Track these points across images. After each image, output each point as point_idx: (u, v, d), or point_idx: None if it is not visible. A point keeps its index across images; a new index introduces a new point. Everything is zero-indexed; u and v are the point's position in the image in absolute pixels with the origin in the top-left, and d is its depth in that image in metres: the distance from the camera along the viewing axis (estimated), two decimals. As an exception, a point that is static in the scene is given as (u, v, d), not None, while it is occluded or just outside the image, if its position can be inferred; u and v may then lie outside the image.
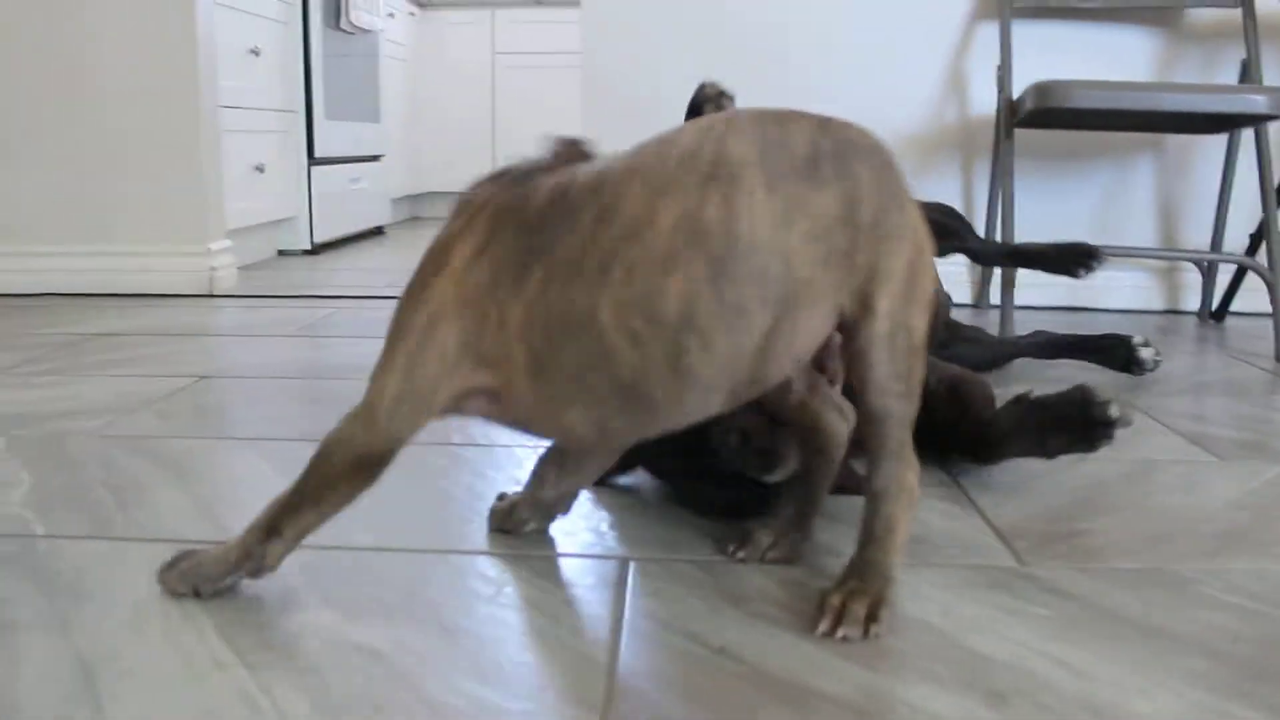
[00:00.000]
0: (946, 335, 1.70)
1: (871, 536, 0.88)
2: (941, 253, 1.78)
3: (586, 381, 0.83)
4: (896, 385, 0.85)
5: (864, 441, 0.89)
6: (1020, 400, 1.23)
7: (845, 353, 0.88)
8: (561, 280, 0.83)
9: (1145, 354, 1.77)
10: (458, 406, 0.89)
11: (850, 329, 0.86)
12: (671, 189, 0.82)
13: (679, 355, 0.81)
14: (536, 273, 0.84)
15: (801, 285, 0.83)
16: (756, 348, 0.83)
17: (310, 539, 1.03)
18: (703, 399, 0.84)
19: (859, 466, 1.06)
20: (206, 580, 0.91)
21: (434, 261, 0.89)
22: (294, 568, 0.97)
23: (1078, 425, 1.19)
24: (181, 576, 0.92)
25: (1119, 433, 1.18)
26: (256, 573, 0.91)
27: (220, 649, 0.82)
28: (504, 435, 1.40)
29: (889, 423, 0.86)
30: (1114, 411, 1.17)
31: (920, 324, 0.86)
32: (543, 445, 1.24)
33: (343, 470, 0.88)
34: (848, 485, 1.12)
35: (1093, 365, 1.85)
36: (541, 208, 0.85)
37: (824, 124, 0.86)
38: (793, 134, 0.85)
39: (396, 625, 0.86)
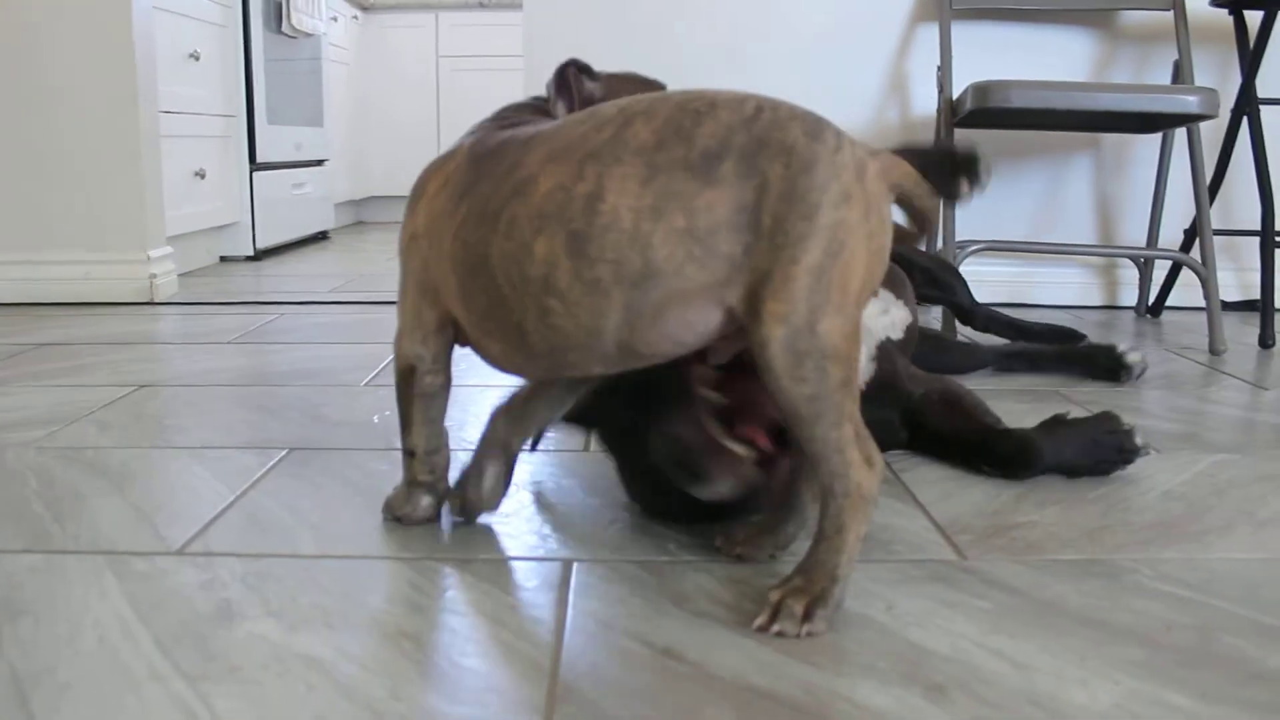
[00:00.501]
0: (926, 346, 1.72)
1: (821, 535, 0.87)
2: (927, 301, 1.79)
3: (493, 318, 0.92)
4: (801, 388, 0.82)
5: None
6: (1056, 420, 1.28)
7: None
8: (474, 219, 0.92)
9: (1133, 358, 1.78)
10: (450, 331, 1.01)
11: (747, 328, 0.84)
12: (562, 157, 0.87)
13: (545, 313, 0.88)
14: (463, 208, 0.94)
15: (661, 278, 0.83)
16: (619, 323, 0.86)
17: (251, 547, 1.02)
18: (580, 357, 0.90)
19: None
20: (395, 508, 1.10)
21: (418, 188, 1.03)
22: (236, 578, 0.96)
23: (1107, 450, 1.26)
24: (386, 508, 1.11)
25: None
26: (433, 489, 1.09)
27: (158, 661, 0.80)
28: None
29: (806, 428, 0.84)
30: (1139, 440, 1.26)
31: (836, 331, 0.82)
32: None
33: (403, 386, 1.05)
34: None
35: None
36: (488, 149, 0.95)
37: (753, 119, 0.84)
38: (705, 127, 0.84)
39: (339, 633, 0.86)
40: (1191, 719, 0.74)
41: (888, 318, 1.34)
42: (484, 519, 1.11)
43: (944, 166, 1.01)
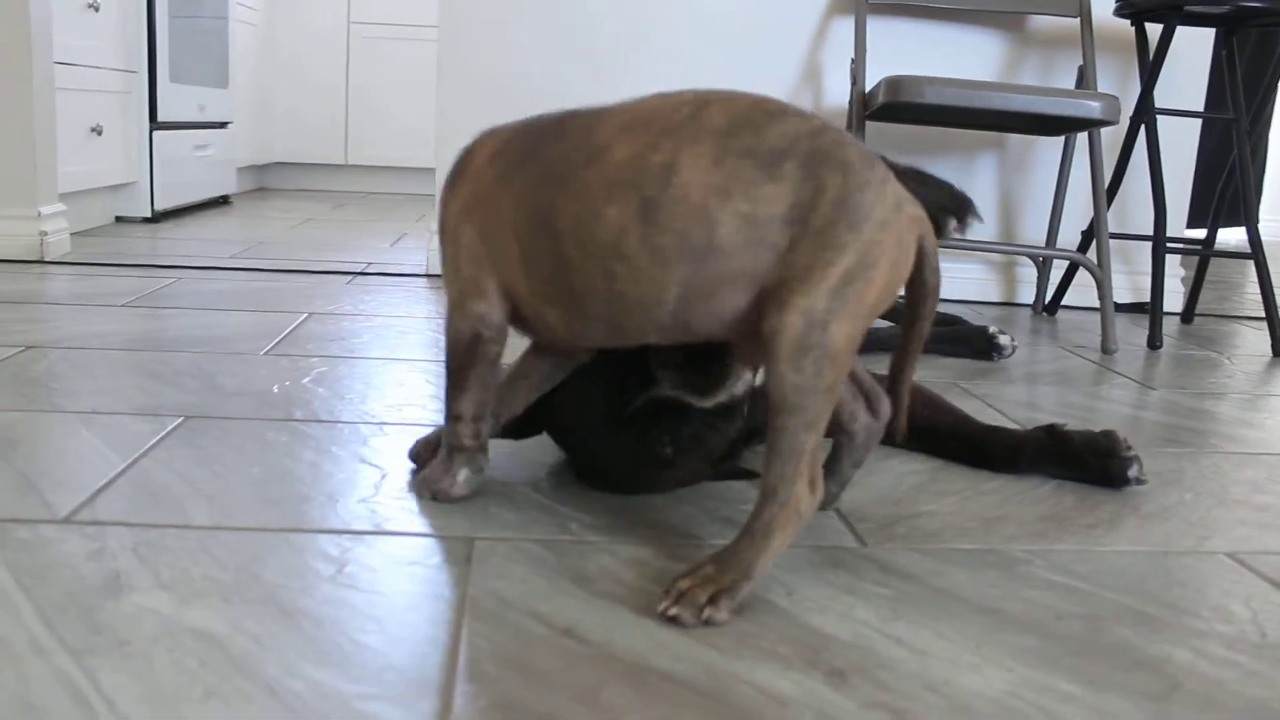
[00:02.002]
0: None
1: (748, 530, 0.88)
2: None
3: (555, 283, 0.95)
4: (795, 377, 0.85)
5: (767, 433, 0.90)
6: (1052, 430, 1.29)
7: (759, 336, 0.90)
8: (537, 182, 0.95)
9: (1003, 340, 1.95)
10: (509, 301, 1.02)
11: (766, 315, 0.87)
12: (637, 129, 0.91)
13: (611, 278, 0.91)
14: (524, 174, 0.96)
15: (720, 256, 0.88)
16: (677, 295, 0.90)
17: (142, 517, 0.99)
18: (638, 324, 0.93)
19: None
20: (432, 482, 1.09)
21: (461, 164, 1.06)
22: (125, 548, 0.93)
23: (1095, 471, 1.26)
24: (423, 483, 1.10)
25: None
26: (474, 460, 1.08)
27: (41, 634, 0.78)
28: (347, 411, 1.37)
29: (784, 417, 0.86)
30: (1133, 473, 1.25)
31: (842, 335, 0.85)
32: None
33: (464, 355, 1.04)
34: (732, 471, 1.15)
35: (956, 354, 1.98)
36: (548, 124, 0.98)
37: (819, 132, 0.89)
38: (775, 127, 0.88)
39: (233, 607, 0.83)
40: (1079, 705, 0.76)
41: None
42: (387, 494, 1.09)
43: (941, 205, 1.08)
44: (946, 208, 1.15)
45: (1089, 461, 1.25)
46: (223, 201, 4.22)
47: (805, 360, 0.85)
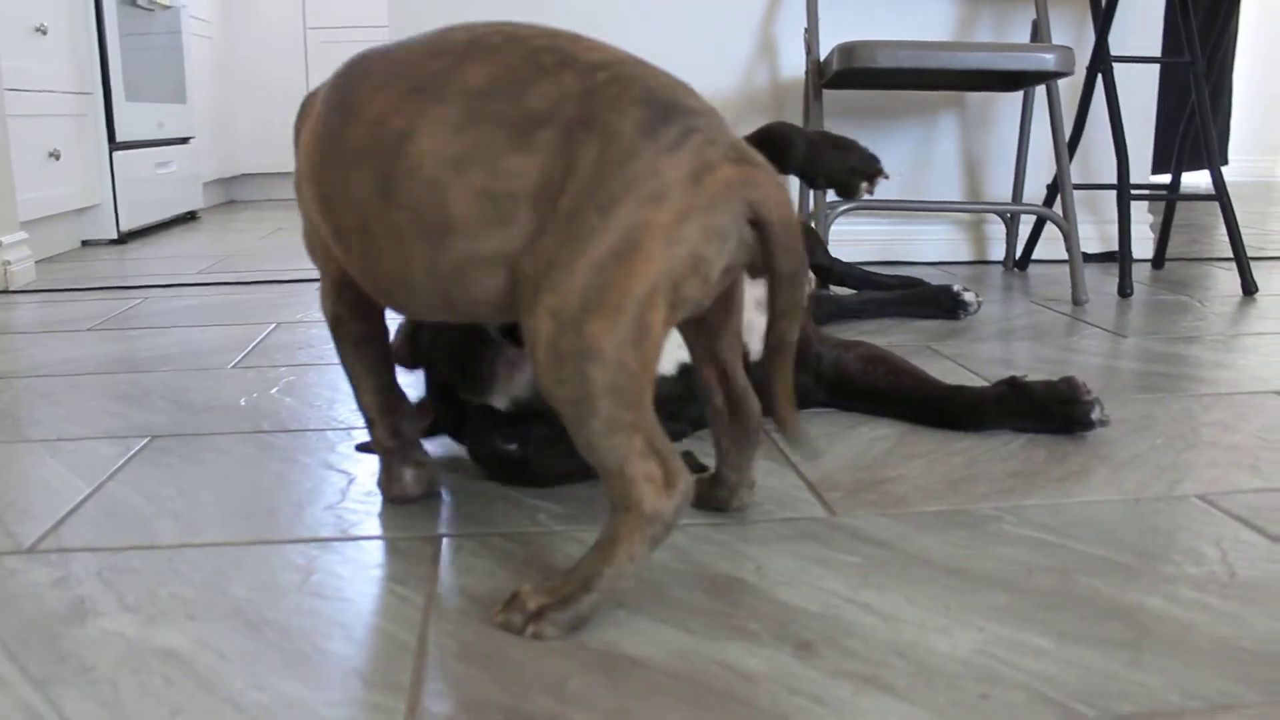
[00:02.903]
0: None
1: (598, 541, 0.80)
2: None
3: (354, 248, 0.86)
4: (562, 390, 0.76)
5: None
6: (1013, 383, 1.29)
7: None
8: (317, 139, 0.87)
9: (968, 297, 1.95)
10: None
11: (520, 315, 0.78)
12: (392, 82, 0.81)
13: (367, 254, 0.84)
14: (328, 145, 0.86)
15: (459, 236, 0.78)
16: (426, 275, 0.81)
17: (108, 541, 0.99)
18: (417, 302, 0.85)
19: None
20: (383, 491, 1.07)
21: (300, 113, 0.97)
22: (90, 574, 0.92)
23: (1059, 419, 1.26)
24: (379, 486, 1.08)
25: None
26: (409, 458, 1.05)
27: (3, 665, 0.77)
28: (315, 419, 1.36)
29: (577, 430, 0.77)
30: (1096, 415, 1.25)
31: (602, 332, 0.74)
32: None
33: (335, 341, 1.01)
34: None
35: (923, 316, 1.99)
36: (359, 63, 0.87)
37: (593, 92, 0.76)
38: (542, 86, 0.77)
39: (199, 624, 0.83)
40: (1050, 659, 0.76)
41: None
42: (354, 500, 1.09)
43: (851, 167, 1.07)
44: (856, 169, 1.14)
45: (1052, 409, 1.26)
46: (190, 218, 4.19)
47: (564, 370, 0.75)
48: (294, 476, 1.16)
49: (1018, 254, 2.60)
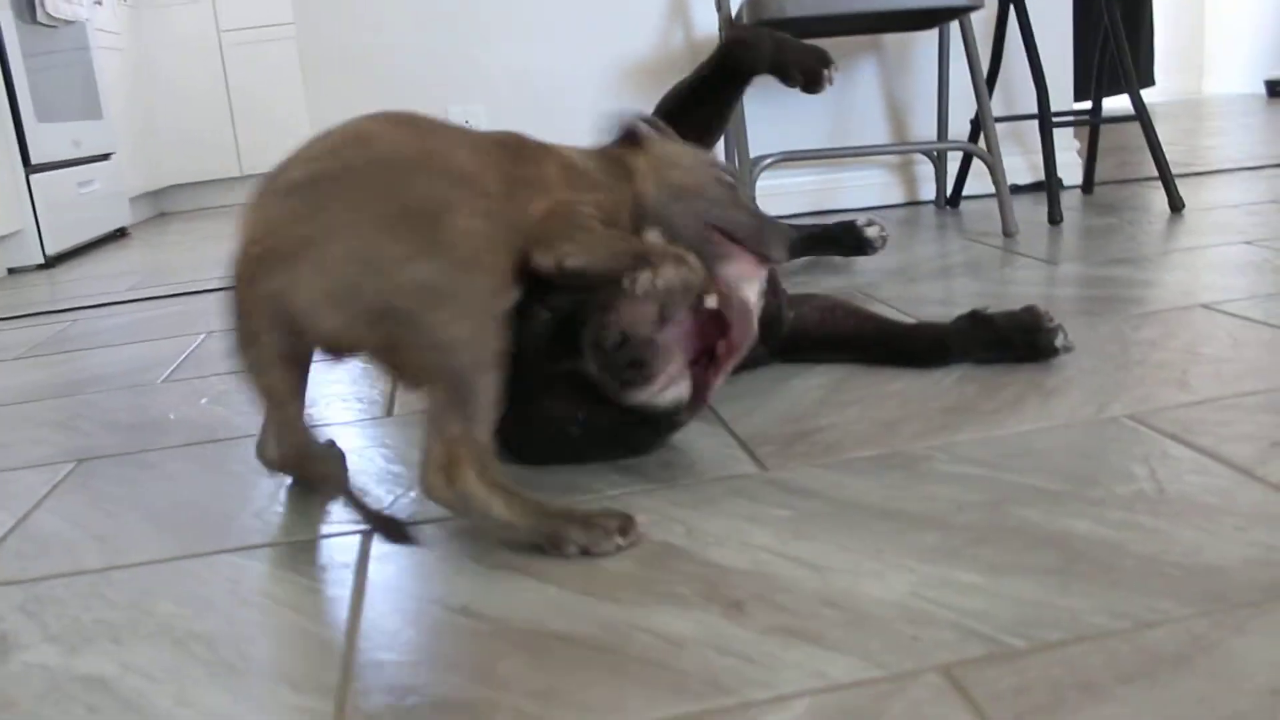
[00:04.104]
0: None
1: None
2: None
3: None
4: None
5: None
6: (975, 316, 1.29)
7: None
8: None
9: (871, 233, 1.90)
10: None
11: None
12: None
13: None
14: None
15: None
16: None
17: (31, 572, 0.96)
18: None
19: None
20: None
21: None
22: (13, 607, 0.90)
23: (1022, 348, 1.27)
24: None
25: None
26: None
27: (-78, 708, 0.75)
28: (246, 426, 1.34)
29: None
30: (1060, 342, 1.26)
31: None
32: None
33: None
34: None
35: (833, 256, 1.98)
36: None
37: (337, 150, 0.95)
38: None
39: (124, 647, 0.81)
40: (980, 594, 0.75)
41: None
42: (283, 504, 1.07)
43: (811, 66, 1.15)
44: (821, 59, 1.23)
45: (1015, 339, 1.27)
46: (120, 234, 4.12)
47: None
48: (223, 487, 1.14)
49: (948, 192, 2.61)
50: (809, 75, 1.32)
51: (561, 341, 1.01)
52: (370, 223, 0.87)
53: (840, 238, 1.93)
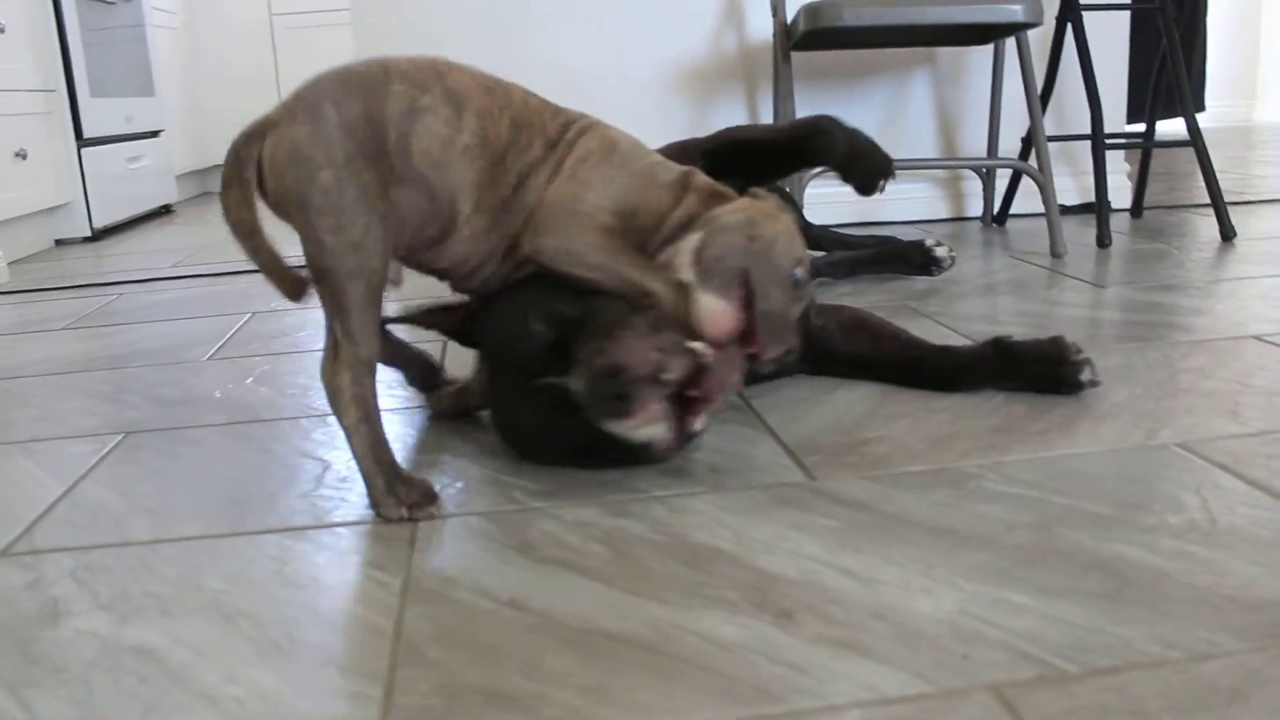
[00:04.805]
0: None
1: None
2: None
3: None
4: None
5: None
6: (999, 343, 1.27)
7: None
8: None
9: (940, 252, 1.91)
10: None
11: None
12: None
13: None
14: None
15: None
16: None
17: (81, 540, 0.97)
18: None
19: None
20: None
21: None
22: (64, 574, 0.91)
23: (1045, 380, 1.24)
24: None
25: None
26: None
27: (-25, 670, 0.76)
28: (289, 407, 1.35)
29: None
30: (1085, 376, 1.22)
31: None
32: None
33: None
34: None
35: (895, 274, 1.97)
36: None
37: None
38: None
39: (173, 620, 0.82)
40: (1031, 615, 0.75)
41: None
42: (329, 487, 1.08)
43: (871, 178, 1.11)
44: (881, 170, 1.22)
45: (1039, 371, 1.24)
46: (165, 211, 4.16)
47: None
48: (269, 466, 1.15)
49: (995, 209, 2.59)
50: (866, 184, 1.32)
51: (555, 351, 1.01)
52: (331, 121, 0.99)
53: (907, 255, 1.93)
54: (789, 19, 2.29)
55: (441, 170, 1.01)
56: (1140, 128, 2.54)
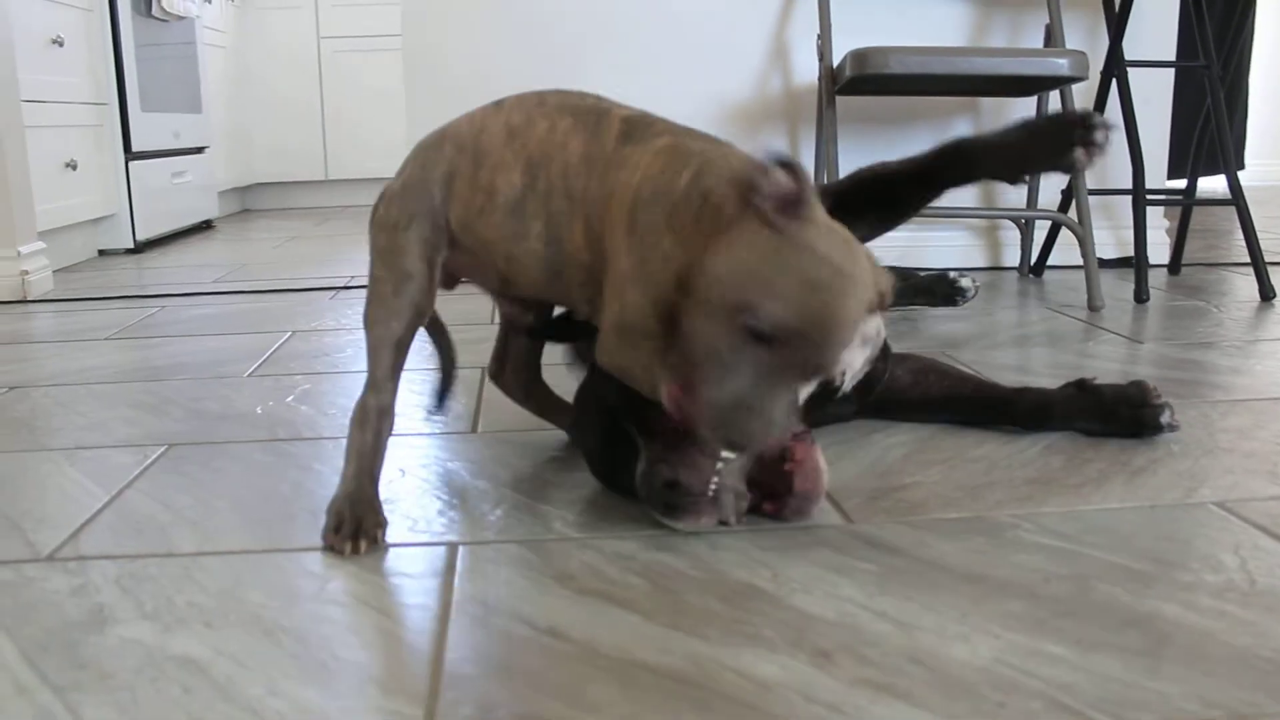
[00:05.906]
0: None
1: None
2: None
3: None
4: None
5: None
6: (1082, 384, 1.29)
7: None
8: None
9: (964, 283, 1.97)
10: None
11: None
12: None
13: None
14: None
15: None
16: None
17: (126, 549, 0.99)
18: None
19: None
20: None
21: None
22: (109, 581, 0.92)
23: (1127, 421, 1.26)
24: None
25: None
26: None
27: (24, 672, 0.77)
28: (330, 427, 1.37)
29: None
30: (1165, 419, 1.25)
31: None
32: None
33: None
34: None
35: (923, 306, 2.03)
36: None
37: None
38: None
39: (217, 632, 0.83)
40: (1068, 667, 0.75)
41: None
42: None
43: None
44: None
45: (1121, 413, 1.26)
46: (206, 226, 4.21)
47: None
48: (310, 484, 1.16)
49: (1033, 260, 2.59)
50: (1060, 161, 1.22)
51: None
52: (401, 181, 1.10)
53: (932, 288, 1.97)
54: (835, 63, 2.31)
55: (469, 230, 1.06)
56: (1180, 184, 2.54)
